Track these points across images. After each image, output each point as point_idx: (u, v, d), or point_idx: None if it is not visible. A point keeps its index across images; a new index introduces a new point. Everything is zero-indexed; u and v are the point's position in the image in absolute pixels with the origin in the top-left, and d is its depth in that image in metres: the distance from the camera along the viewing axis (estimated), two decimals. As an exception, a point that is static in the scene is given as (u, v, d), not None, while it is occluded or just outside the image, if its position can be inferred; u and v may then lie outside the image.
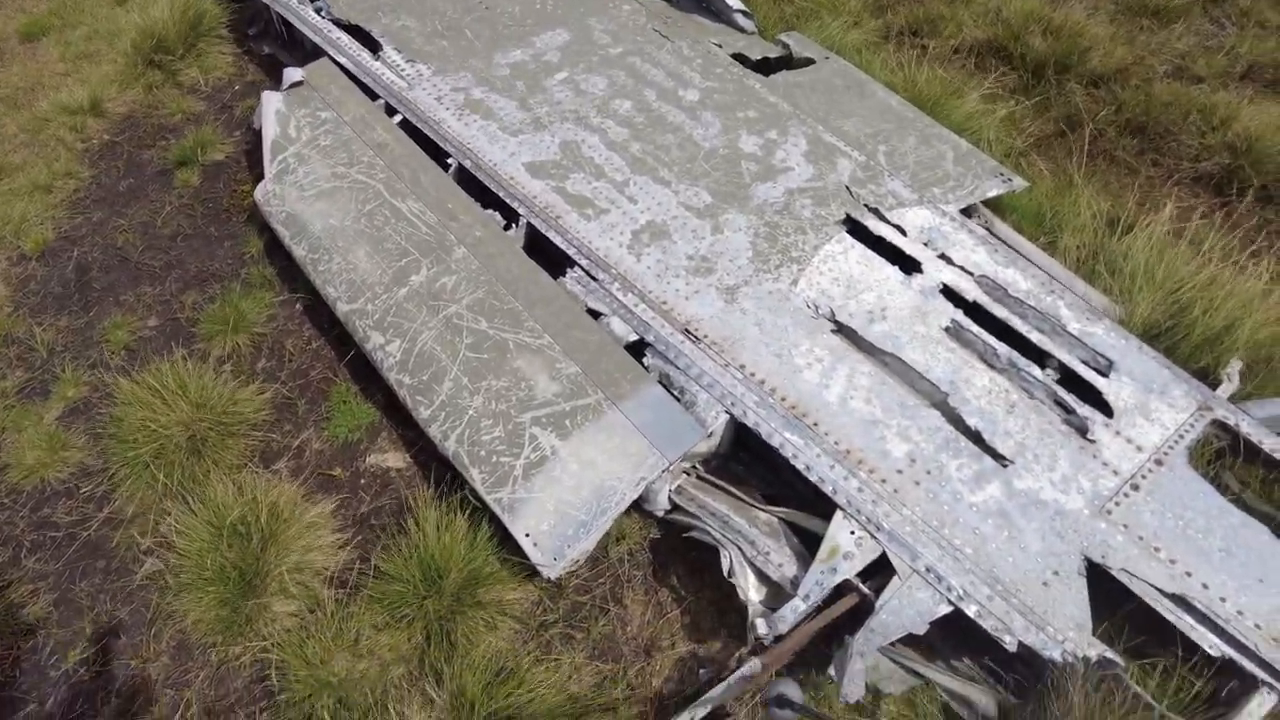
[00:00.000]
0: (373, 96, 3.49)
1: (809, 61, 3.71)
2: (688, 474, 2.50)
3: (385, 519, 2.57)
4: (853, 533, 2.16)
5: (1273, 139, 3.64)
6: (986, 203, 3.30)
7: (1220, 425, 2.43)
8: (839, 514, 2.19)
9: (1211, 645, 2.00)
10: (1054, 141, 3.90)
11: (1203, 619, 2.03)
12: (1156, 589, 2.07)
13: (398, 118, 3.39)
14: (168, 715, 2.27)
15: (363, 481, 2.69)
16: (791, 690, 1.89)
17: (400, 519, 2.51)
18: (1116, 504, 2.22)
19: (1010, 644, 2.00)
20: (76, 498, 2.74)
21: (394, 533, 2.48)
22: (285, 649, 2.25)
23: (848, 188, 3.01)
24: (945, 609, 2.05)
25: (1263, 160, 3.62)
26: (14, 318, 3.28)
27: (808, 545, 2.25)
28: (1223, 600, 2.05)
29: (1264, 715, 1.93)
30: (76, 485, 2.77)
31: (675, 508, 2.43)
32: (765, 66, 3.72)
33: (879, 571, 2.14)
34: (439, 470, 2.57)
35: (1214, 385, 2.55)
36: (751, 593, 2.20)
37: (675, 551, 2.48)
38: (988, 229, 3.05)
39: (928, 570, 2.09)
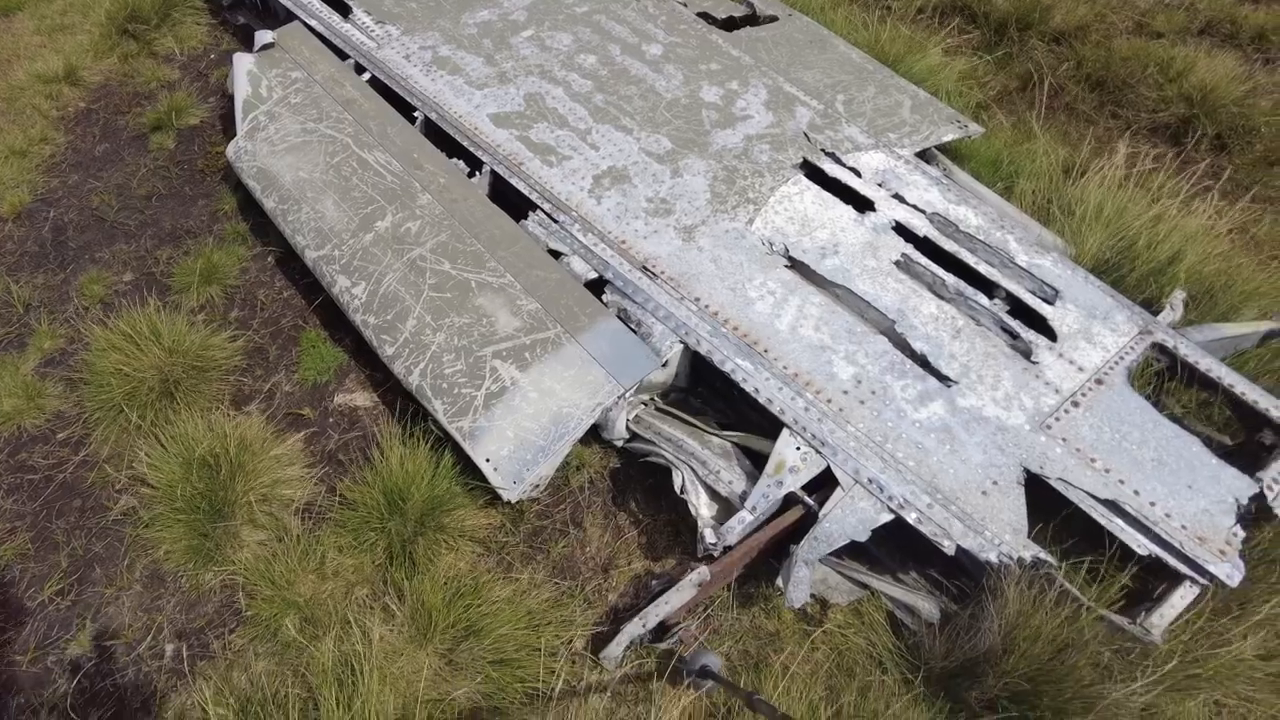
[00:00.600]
0: (343, 57, 3.55)
1: (773, 19, 3.78)
2: (646, 405, 2.57)
3: (352, 454, 2.64)
4: (798, 448, 2.23)
5: (1226, 89, 3.73)
6: (946, 151, 3.38)
7: (1160, 348, 2.51)
8: (785, 431, 2.26)
9: (1140, 545, 2.08)
10: (1015, 95, 3.98)
11: (1133, 522, 2.11)
12: (1091, 495, 2.15)
13: (366, 75, 3.45)
14: (140, 639, 2.33)
15: (331, 420, 2.76)
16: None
17: (366, 452, 2.58)
18: (1057, 419, 2.30)
19: (949, 548, 2.07)
20: (53, 442, 2.81)
21: (360, 465, 2.55)
22: (253, 573, 2.32)
23: (805, 134, 3.08)
24: (886, 517, 2.12)
25: (1216, 110, 3.70)
26: (-8, 276, 3.34)
27: (758, 465, 2.33)
28: (1152, 505, 2.13)
29: (1186, 605, 2.01)
30: (53, 431, 2.83)
31: (634, 436, 2.51)
32: (731, 24, 3.79)
33: (824, 486, 2.21)
34: (404, 406, 2.63)
35: (1156, 313, 2.62)
36: (703, 509, 2.28)
37: (634, 479, 2.56)
38: (946, 175, 3.13)
39: (870, 481, 2.16)
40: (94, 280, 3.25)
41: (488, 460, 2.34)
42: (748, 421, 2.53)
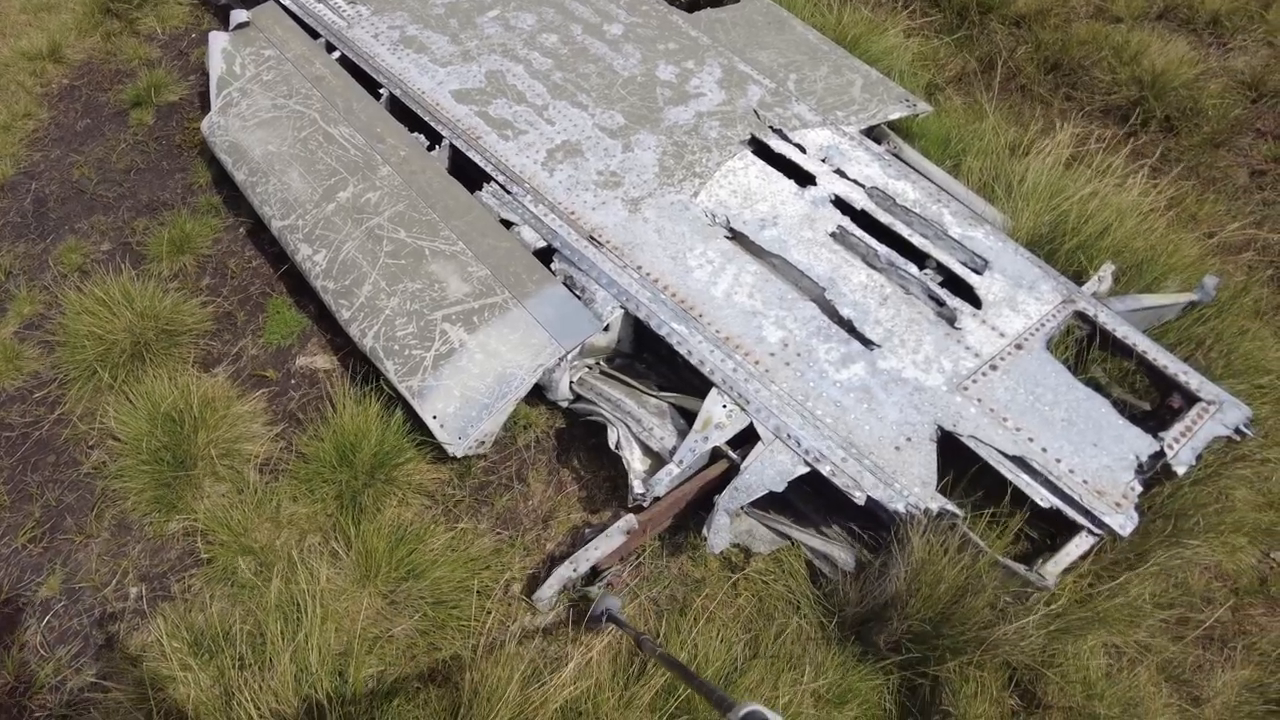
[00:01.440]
0: (315, 36, 3.66)
1: (735, 0, 3.87)
2: (591, 369, 2.70)
3: (311, 413, 2.77)
4: (725, 406, 2.36)
5: (1177, 72, 3.82)
6: (898, 129, 3.49)
7: (1082, 316, 2.62)
8: (714, 390, 2.39)
9: (1043, 498, 2.21)
10: (972, 78, 4.07)
11: (1038, 477, 2.23)
12: (1001, 452, 2.27)
13: (336, 54, 3.56)
14: (106, 582, 2.48)
15: (292, 381, 2.89)
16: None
17: (323, 410, 2.71)
18: (974, 381, 2.42)
19: (859, 498, 2.20)
20: (30, 401, 2.94)
21: (317, 423, 2.68)
22: (212, 521, 2.46)
23: (755, 111, 3.18)
24: (802, 469, 2.25)
25: (1165, 92, 3.80)
26: (-26, 246, 3.47)
27: (691, 424, 2.45)
28: (1058, 461, 2.25)
29: (1080, 554, 2.14)
30: (30, 391, 2.97)
31: (578, 398, 2.64)
32: (693, 6, 3.89)
33: (748, 442, 2.34)
34: (360, 368, 2.77)
35: (1083, 284, 2.74)
36: (636, 463, 2.41)
37: (577, 439, 2.69)
38: (895, 153, 3.23)
39: (789, 437, 2.29)
40: (72, 249, 3.38)
41: (435, 417, 2.47)
42: (690, 385, 2.66)
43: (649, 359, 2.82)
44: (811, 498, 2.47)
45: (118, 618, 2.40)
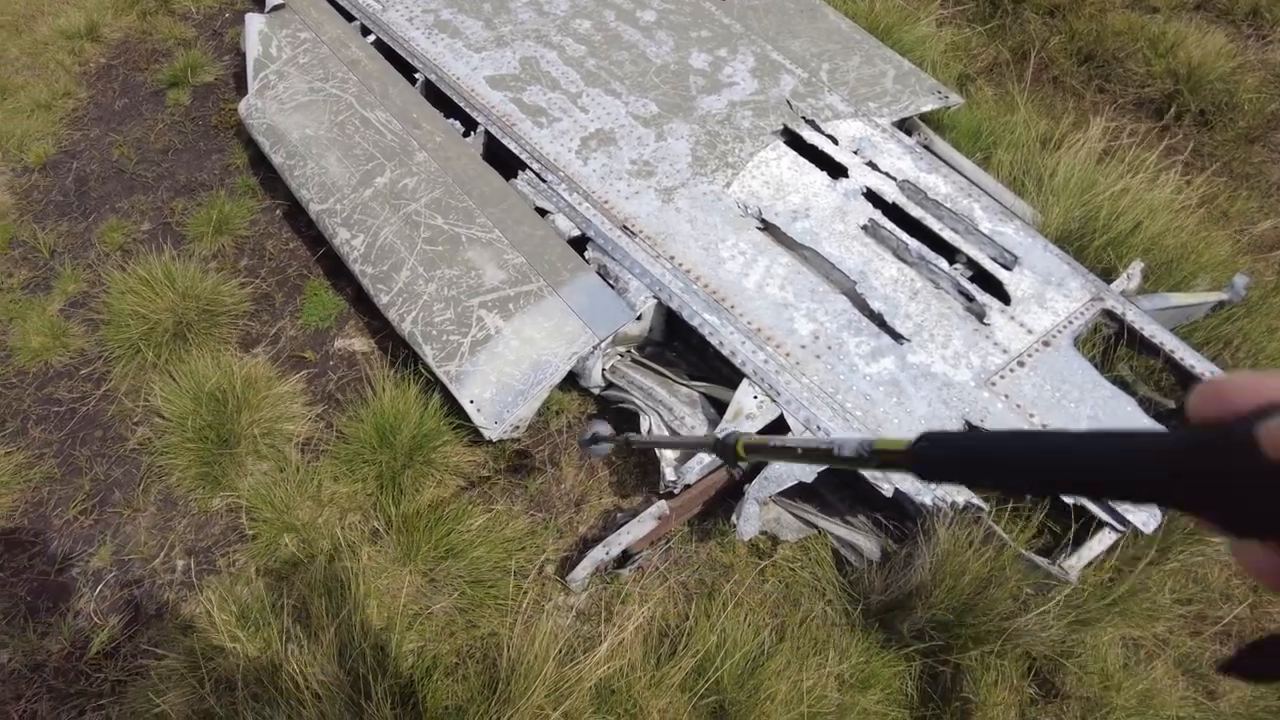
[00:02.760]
0: (350, 19, 3.70)
1: (767, -14, 3.87)
2: (622, 356, 2.75)
3: (350, 394, 2.85)
4: (755, 397, 2.41)
5: (1213, 65, 3.79)
6: (929, 121, 3.49)
7: (1110, 314, 2.65)
8: (745, 381, 2.44)
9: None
10: (1004, 68, 4.05)
11: (1062, 472, 2.27)
12: (1025, 448, 2.31)
13: (371, 38, 3.60)
14: (154, 555, 2.57)
15: (331, 363, 2.97)
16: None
17: (362, 393, 2.79)
18: (1001, 377, 2.46)
19: (887, 490, 2.25)
20: (76, 378, 3.03)
21: (356, 404, 2.76)
22: (255, 498, 2.54)
23: (788, 101, 3.20)
24: (832, 461, 2.30)
25: (1201, 86, 3.77)
26: (19, 223, 3.55)
27: (721, 413, 2.50)
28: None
29: (1103, 549, 2.18)
30: (76, 368, 3.06)
31: (609, 385, 2.70)
32: (725, -8, 3.88)
33: (779, 433, 2.39)
34: (398, 352, 2.83)
35: (1112, 281, 2.76)
36: (667, 451, 2.47)
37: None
38: (926, 145, 3.24)
39: (819, 428, 2.34)
40: (114, 228, 3.45)
41: (471, 402, 2.53)
42: (718, 375, 2.71)
43: (679, 348, 2.87)
44: (838, 488, 2.52)
45: (167, 589, 2.50)
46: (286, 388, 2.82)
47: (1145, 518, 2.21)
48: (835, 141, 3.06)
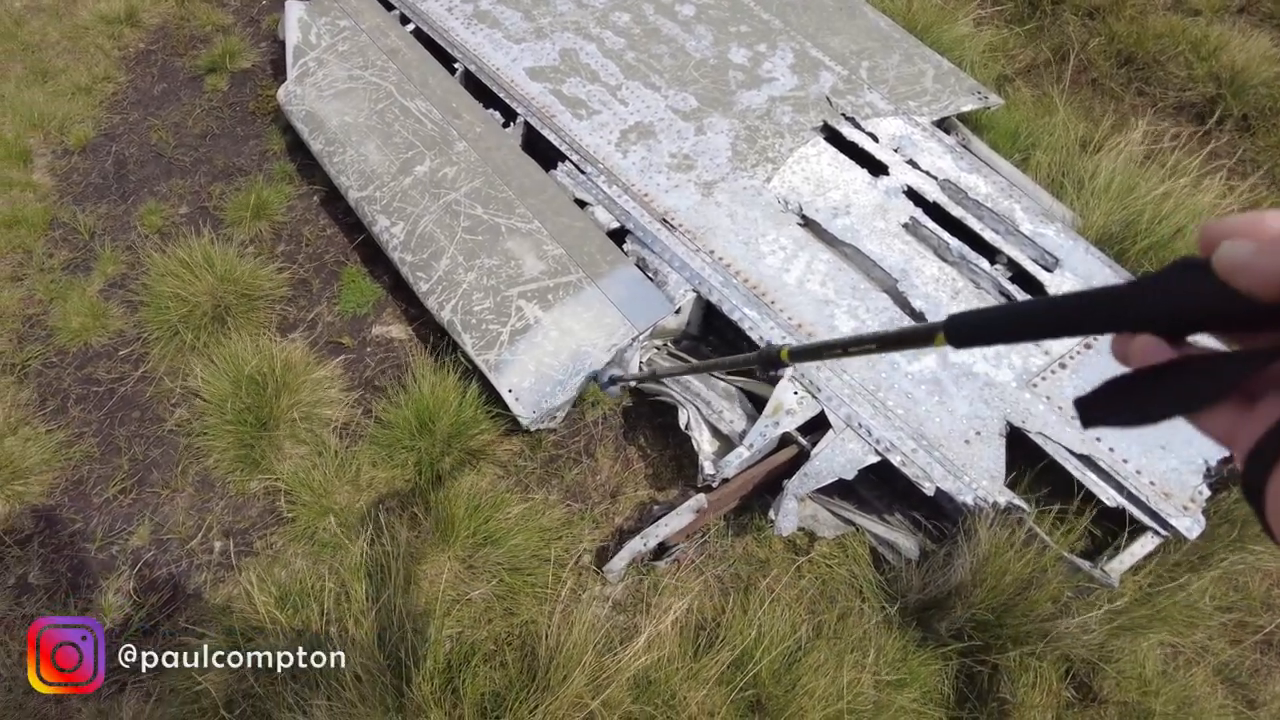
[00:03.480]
0: (389, 8, 3.71)
1: (806, -17, 3.85)
2: (659, 349, 2.75)
3: (387, 380, 2.86)
4: (796, 393, 2.40)
5: (1256, 70, 3.75)
6: (966, 121, 3.47)
7: (1152, 319, 2.62)
8: (785, 377, 2.43)
9: (1109, 497, 2.23)
10: (1042, 69, 4.03)
11: (1105, 476, 2.26)
12: (1067, 449, 2.30)
13: (410, 27, 3.61)
14: (192, 535, 2.59)
15: (368, 349, 2.98)
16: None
17: (400, 379, 2.80)
18: (1043, 379, 2.44)
19: (929, 489, 2.24)
20: (115, 359, 3.06)
21: (394, 390, 2.77)
22: (293, 481, 2.56)
23: (828, 98, 3.19)
24: (873, 458, 2.29)
25: (1244, 90, 3.73)
26: (60, 205, 3.59)
27: (758, 408, 2.50)
28: (1125, 461, 2.27)
29: (1145, 553, 2.17)
30: (115, 348, 3.09)
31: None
32: (763, -13, 3.87)
33: (818, 429, 2.39)
34: (436, 339, 2.85)
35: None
36: (705, 444, 2.47)
37: (644, 417, 2.75)
38: (964, 145, 3.23)
39: (860, 426, 2.33)
40: (153, 211, 3.48)
41: (510, 390, 2.54)
42: (752, 369, 2.70)
43: (714, 342, 2.87)
44: (876, 485, 2.52)
45: (205, 569, 2.52)
46: (324, 373, 2.83)
47: (1189, 523, 2.20)
48: (875, 139, 3.05)
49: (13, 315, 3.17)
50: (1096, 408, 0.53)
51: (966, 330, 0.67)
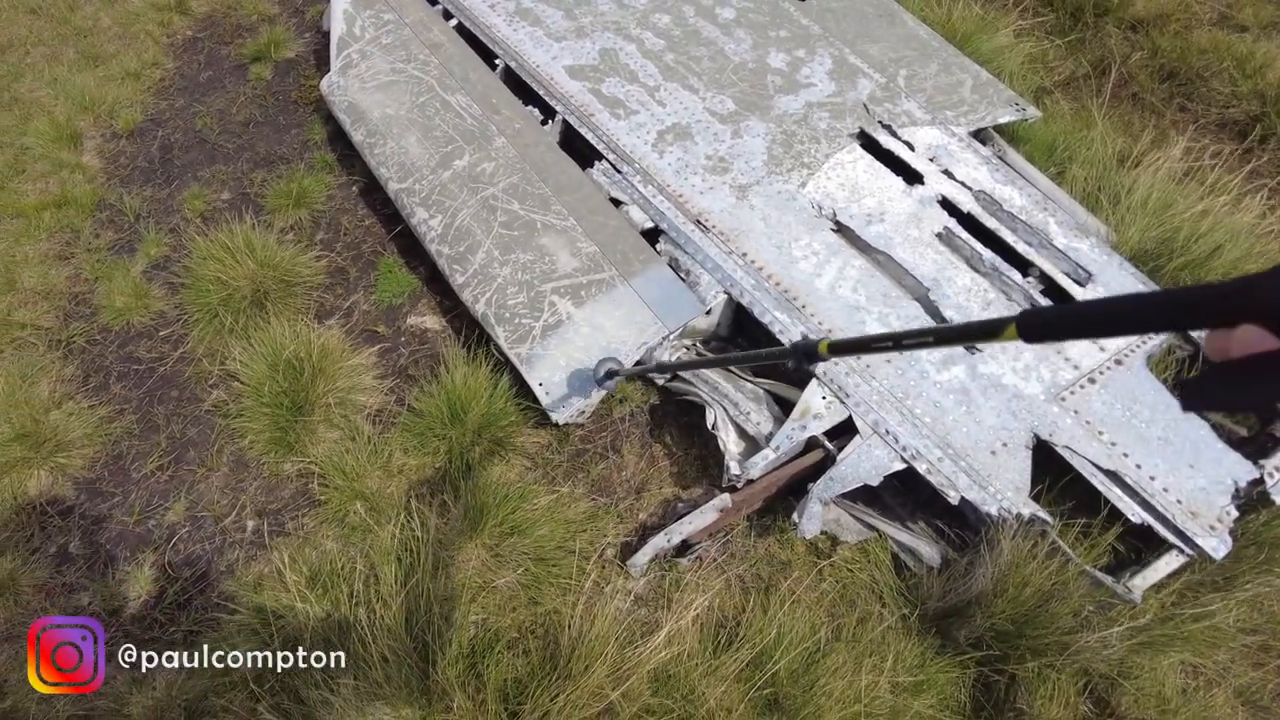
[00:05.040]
0: (432, 3, 3.76)
1: (846, -11, 3.86)
2: (688, 349, 2.78)
3: (421, 370, 2.92)
4: (824, 397, 2.42)
5: (1302, 89, 3.70)
6: (1002, 132, 3.47)
7: (1185, 337, 2.61)
8: (814, 381, 2.45)
9: (1134, 513, 2.23)
10: (1082, 82, 4.00)
11: (1131, 492, 2.26)
12: (1094, 464, 2.30)
13: (453, 22, 3.66)
14: (226, 514, 2.66)
15: (403, 339, 3.04)
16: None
17: (433, 369, 2.85)
18: (1071, 393, 2.44)
19: (954, 498, 2.26)
20: (156, 339, 3.14)
21: (427, 379, 2.82)
22: (326, 465, 2.62)
23: (865, 105, 3.20)
24: (899, 465, 2.31)
25: (1289, 109, 3.68)
26: (106, 187, 3.68)
27: (785, 411, 2.52)
28: (1152, 479, 2.27)
29: (1169, 571, 2.17)
30: (156, 329, 3.17)
31: (675, 377, 2.72)
32: (803, -8, 3.89)
33: (845, 434, 2.40)
34: (469, 331, 2.89)
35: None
36: (731, 445, 2.49)
37: (670, 416, 2.78)
38: (1000, 156, 3.22)
39: (887, 432, 2.35)
40: (196, 196, 3.56)
41: (540, 384, 2.58)
42: (783, 373, 2.72)
43: (743, 344, 2.89)
44: (900, 492, 2.53)
45: (238, 547, 2.59)
46: (359, 360, 2.89)
47: (1215, 543, 2.19)
48: (911, 148, 3.05)
49: (60, 293, 3.27)
50: (1199, 391, 0.57)
51: (1040, 324, 0.71)
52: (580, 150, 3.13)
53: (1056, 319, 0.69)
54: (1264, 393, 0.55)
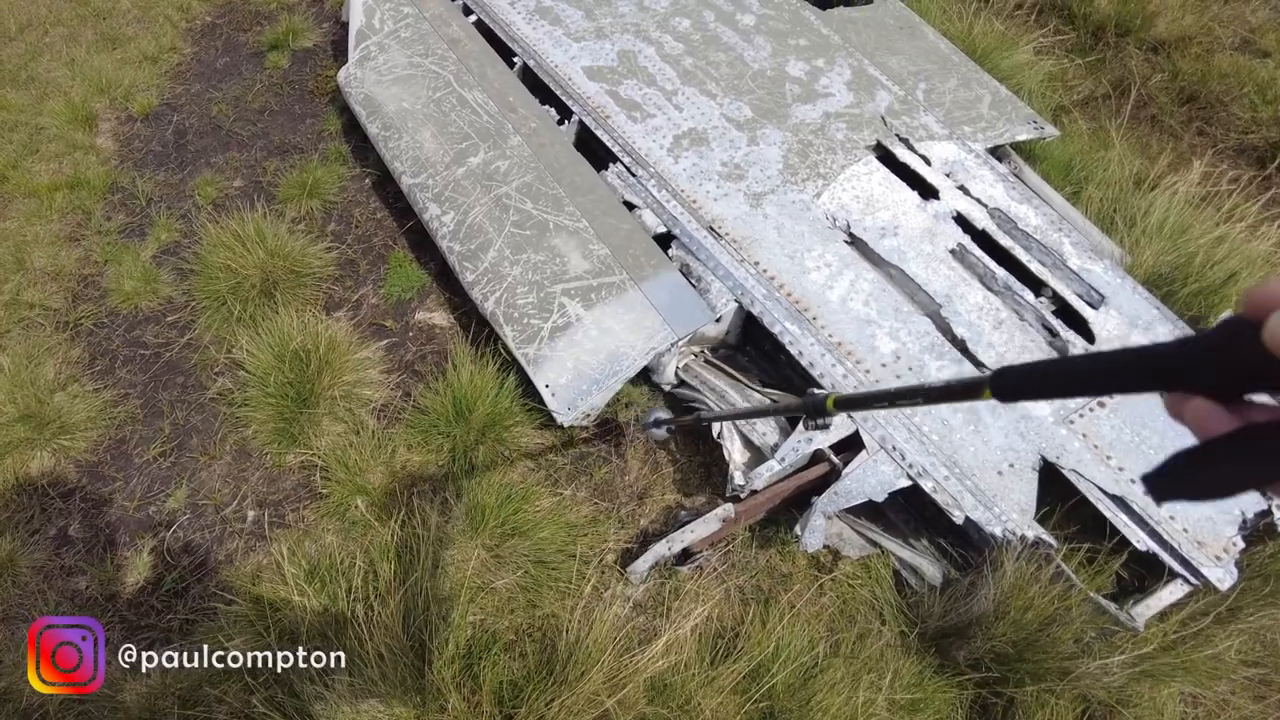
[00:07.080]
0: (452, -2, 3.76)
1: (868, 1, 3.85)
2: (696, 356, 2.77)
3: (428, 366, 2.91)
4: (832, 410, 2.41)
5: (1322, 117, 3.67)
6: (1020, 150, 3.45)
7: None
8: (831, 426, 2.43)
9: (1140, 540, 2.22)
10: (1101, 102, 3.98)
11: (1137, 519, 2.24)
12: (1100, 489, 2.28)
13: (472, 18, 3.66)
14: (227, 503, 2.66)
15: (411, 334, 3.03)
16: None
17: (440, 366, 2.84)
18: (1080, 416, 2.43)
19: (958, 517, 2.24)
20: (163, 324, 3.14)
21: (434, 376, 2.81)
22: (329, 458, 2.61)
23: (883, 117, 3.18)
24: (904, 482, 2.29)
25: (1309, 137, 3.66)
26: (119, 170, 3.68)
27: (791, 423, 2.51)
28: (1159, 506, 2.25)
29: (1173, 600, 2.15)
30: (163, 314, 3.17)
31: (681, 383, 2.72)
32: (825, 3, 3.87)
33: (851, 448, 2.39)
34: (478, 330, 2.88)
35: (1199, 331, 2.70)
36: (736, 455, 2.48)
37: (676, 422, 2.77)
38: (1016, 174, 3.21)
39: (894, 449, 2.34)
40: (208, 182, 3.56)
41: (547, 386, 2.57)
42: (789, 383, 2.71)
43: (751, 353, 2.88)
44: (904, 509, 2.51)
45: (237, 537, 2.58)
46: (366, 354, 2.88)
47: (1220, 574, 2.17)
48: (928, 162, 3.04)
49: (69, 274, 3.27)
50: (1167, 483, 0.53)
51: (1013, 385, 0.69)
52: (595, 152, 3.12)
53: (1025, 379, 0.66)
54: (1238, 483, 0.49)
